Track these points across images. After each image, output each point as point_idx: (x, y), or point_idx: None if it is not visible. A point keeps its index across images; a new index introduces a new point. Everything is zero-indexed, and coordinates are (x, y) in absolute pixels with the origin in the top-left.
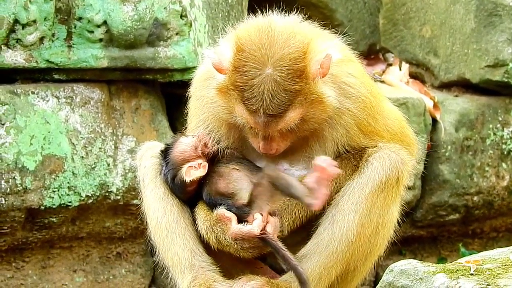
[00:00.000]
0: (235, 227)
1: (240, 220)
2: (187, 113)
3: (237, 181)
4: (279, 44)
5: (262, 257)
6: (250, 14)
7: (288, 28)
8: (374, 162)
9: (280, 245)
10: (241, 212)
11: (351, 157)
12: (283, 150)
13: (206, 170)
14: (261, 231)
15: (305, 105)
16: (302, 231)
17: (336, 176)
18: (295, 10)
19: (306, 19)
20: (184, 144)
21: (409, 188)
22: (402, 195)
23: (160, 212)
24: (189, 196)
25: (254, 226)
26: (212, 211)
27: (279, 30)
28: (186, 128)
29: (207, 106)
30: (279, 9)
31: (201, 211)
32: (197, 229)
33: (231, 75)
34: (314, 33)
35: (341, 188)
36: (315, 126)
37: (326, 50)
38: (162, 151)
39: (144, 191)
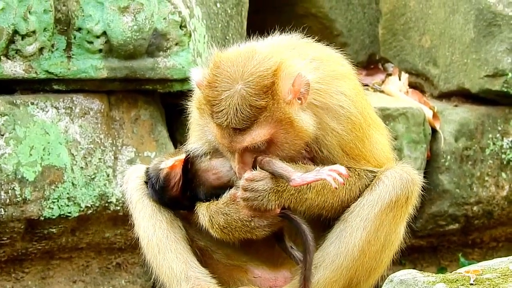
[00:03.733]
0: (298, 176)
1: None
2: (187, 125)
3: (222, 166)
4: (253, 62)
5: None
6: (250, 25)
7: (268, 49)
8: (385, 181)
9: (300, 220)
10: None
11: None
12: None
13: (183, 158)
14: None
15: (273, 123)
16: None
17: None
18: (294, 21)
19: (306, 30)
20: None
21: None
22: (410, 214)
23: (150, 230)
24: (175, 201)
25: (321, 172)
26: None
27: (259, 50)
28: (186, 142)
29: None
30: (278, 19)
31: (201, 205)
32: (192, 241)
33: (204, 90)
34: (294, 53)
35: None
36: (291, 153)
37: (300, 69)
38: (145, 171)
39: (133, 212)
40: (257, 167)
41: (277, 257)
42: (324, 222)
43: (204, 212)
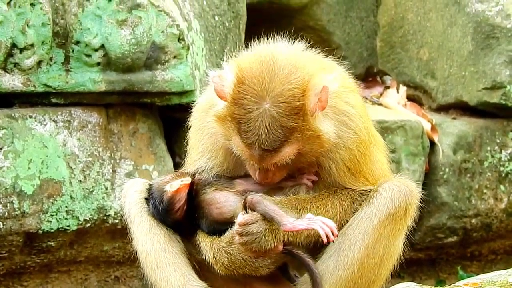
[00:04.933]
0: (290, 222)
1: None
2: (186, 140)
3: (226, 202)
4: (279, 79)
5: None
6: (248, 38)
7: (290, 61)
8: (383, 193)
9: (304, 255)
10: None
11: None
12: (279, 179)
13: (189, 182)
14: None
15: (301, 141)
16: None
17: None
18: (292, 33)
19: (305, 43)
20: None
21: None
22: (409, 226)
23: (148, 244)
24: (177, 223)
25: (313, 222)
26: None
27: (280, 63)
28: (185, 160)
29: (207, 136)
30: (276, 33)
31: (204, 238)
32: (190, 254)
33: (230, 106)
34: (316, 66)
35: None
36: (312, 160)
37: (324, 83)
38: (147, 189)
39: (132, 226)
40: (247, 207)
41: (277, 271)
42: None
43: (207, 249)
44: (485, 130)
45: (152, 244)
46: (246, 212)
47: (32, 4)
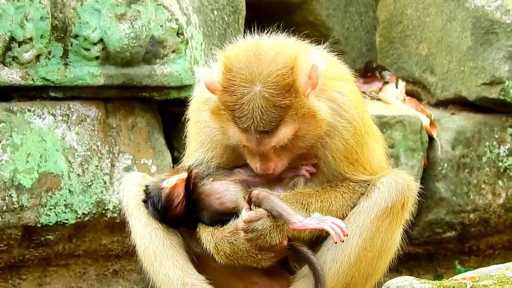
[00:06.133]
0: (300, 221)
1: None
2: (185, 135)
3: (226, 191)
4: (266, 61)
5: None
6: (247, 32)
7: (275, 45)
8: (381, 187)
9: (307, 251)
10: None
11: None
12: (280, 170)
13: (186, 177)
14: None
15: (297, 120)
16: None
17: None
18: (291, 28)
19: (303, 38)
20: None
21: None
22: (407, 220)
23: (146, 238)
24: (177, 221)
25: (323, 221)
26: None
27: (266, 47)
28: (184, 154)
29: (204, 129)
30: (275, 27)
31: (205, 229)
32: (188, 248)
33: (221, 95)
34: (301, 47)
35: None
36: (311, 143)
37: (312, 61)
38: (144, 190)
39: (130, 219)
40: (252, 204)
41: (275, 264)
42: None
43: (209, 238)
44: (484, 125)
45: (151, 237)
46: (250, 207)
47: None
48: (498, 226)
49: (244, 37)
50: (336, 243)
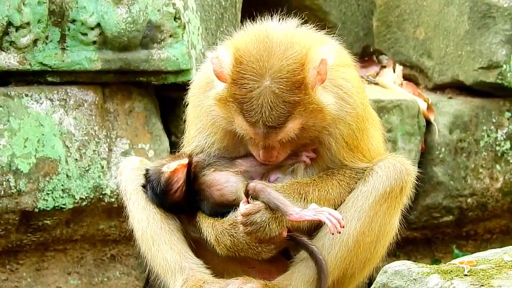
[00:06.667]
0: (296, 212)
1: None
2: (182, 118)
3: (227, 183)
4: (277, 56)
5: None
6: (244, 17)
7: (285, 38)
8: (379, 171)
9: (307, 241)
10: None
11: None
12: (283, 158)
13: (186, 163)
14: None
15: (305, 115)
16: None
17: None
18: (289, 13)
19: (301, 22)
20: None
21: None
22: (405, 204)
23: (144, 222)
24: (176, 206)
25: (320, 213)
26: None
27: (276, 40)
28: (183, 138)
29: (205, 113)
30: (272, 12)
31: (205, 219)
32: (186, 232)
33: (230, 87)
34: (311, 40)
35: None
36: (316, 134)
37: (322, 56)
38: (144, 174)
39: (128, 204)
40: (249, 196)
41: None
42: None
43: (209, 230)
44: (481, 109)
45: (148, 221)
46: (248, 199)
47: None
48: (496, 211)
49: (252, 22)
50: (332, 234)
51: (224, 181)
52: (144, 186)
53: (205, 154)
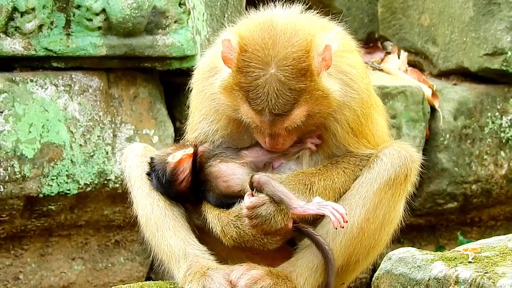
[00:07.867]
0: (300, 206)
1: None
2: (186, 104)
3: (233, 174)
4: (282, 43)
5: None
6: (249, 2)
7: (290, 25)
8: (384, 158)
9: (313, 232)
10: None
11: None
12: (289, 145)
13: (192, 152)
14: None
15: (310, 102)
16: None
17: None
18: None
19: (306, 9)
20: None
21: None
22: (409, 192)
23: (148, 208)
24: (181, 196)
25: (323, 207)
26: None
27: (281, 28)
28: (187, 125)
29: (208, 99)
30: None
31: (211, 210)
32: (190, 218)
33: (235, 75)
34: (316, 27)
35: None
36: (321, 121)
37: (326, 42)
38: (149, 163)
39: (132, 190)
40: (254, 188)
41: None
42: None
43: (215, 221)
44: (486, 96)
45: (152, 208)
46: (252, 191)
47: None
48: (500, 197)
49: (256, 10)
50: (336, 228)
51: (230, 172)
52: (149, 174)
53: (210, 142)
